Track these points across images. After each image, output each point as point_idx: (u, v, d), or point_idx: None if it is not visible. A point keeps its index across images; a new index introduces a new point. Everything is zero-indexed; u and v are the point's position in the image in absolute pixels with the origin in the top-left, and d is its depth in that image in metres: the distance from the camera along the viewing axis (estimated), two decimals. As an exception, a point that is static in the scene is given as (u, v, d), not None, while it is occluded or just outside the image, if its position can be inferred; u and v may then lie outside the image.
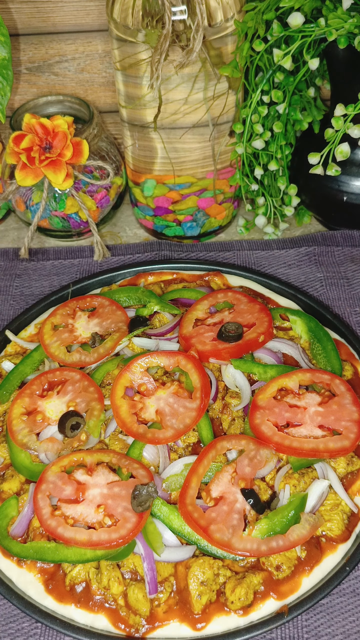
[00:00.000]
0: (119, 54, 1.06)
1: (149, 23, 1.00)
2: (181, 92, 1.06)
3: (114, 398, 0.94)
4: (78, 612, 0.82)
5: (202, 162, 1.16)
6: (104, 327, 1.05)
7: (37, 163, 1.10)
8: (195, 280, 1.14)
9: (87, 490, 0.86)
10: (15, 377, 1.01)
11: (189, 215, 1.22)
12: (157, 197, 1.21)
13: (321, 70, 1.15)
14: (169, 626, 0.80)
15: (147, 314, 1.07)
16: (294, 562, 0.83)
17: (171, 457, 0.91)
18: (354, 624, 0.82)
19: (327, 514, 0.86)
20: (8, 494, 0.90)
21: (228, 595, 0.81)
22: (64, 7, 1.22)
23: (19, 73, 1.29)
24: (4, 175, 1.21)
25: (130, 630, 0.80)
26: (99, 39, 1.26)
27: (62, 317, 1.07)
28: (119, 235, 1.31)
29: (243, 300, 1.06)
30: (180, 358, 0.97)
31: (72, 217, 1.22)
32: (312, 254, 1.21)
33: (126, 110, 1.13)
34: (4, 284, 1.20)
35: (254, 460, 0.88)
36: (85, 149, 1.13)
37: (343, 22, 0.95)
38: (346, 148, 1.00)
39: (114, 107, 1.34)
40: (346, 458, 0.90)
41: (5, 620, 0.84)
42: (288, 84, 1.06)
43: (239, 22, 1.01)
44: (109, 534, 0.82)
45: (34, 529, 0.86)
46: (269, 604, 0.81)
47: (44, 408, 0.95)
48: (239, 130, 1.10)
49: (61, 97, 1.24)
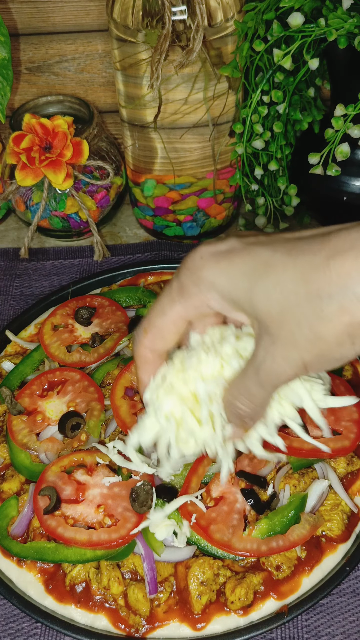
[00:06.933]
0: (119, 54, 1.06)
1: (149, 23, 1.00)
2: (181, 92, 1.06)
3: (114, 398, 0.94)
4: (78, 612, 0.82)
5: (202, 162, 1.16)
6: (104, 327, 1.05)
7: (37, 163, 1.10)
8: (195, 280, 1.14)
9: (87, 490, 0.86)
10: (15, 377, 1.01)
11: (189, 215, 1.22)
12: (157, 197, 1.21)
13: (321, 70, 1.15)
14: (169, 626, 0.80)
15: (147, 314, 1.07)
16: (294, 562, 0.83)
17: (171, 457, 0.91)
18: (354, 624, 0.82)
19: (327, 514, 0.86)
20: (8, 494, 0.90)
21: (228, 595, 0.81)
22: (64, 7, 1.22)
23: (19, 73, 1.29)
24: (4, 175, 1.21)
25: (130, 630, 0.80)
26: (99, 39, 1.26)
27: (62, 317, 1.07)
28: (119, 235, 1.31)
29: (243, 300, 1.06)
30: (180, 358, 0.97)
31: (72, 217, 1.22)
32: (312, 254, 1.21)
33: (126, 110, 1.13)
34: (4, 284, 1.20)
35: (254, 460, 0.88)
36: (85, 149, 1.13)
37: (343, 22, 0.95)
38: (346, 148, 1.00)
39: (114, 107, 1.34)
40: (346, 458, 0.90)
41: (5, 620, 0.84)
42: (288, 84, 1.06)
43: (239, 22, 1.01)
44: (109, 534, 0.82)
45: (34, 529, 0.86)
46: (269, 604, 0.81)
47: (44, 408, 0.95)
48: (239, 130, 1.10)
49: (61, 97, 1.24)
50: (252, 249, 0.58)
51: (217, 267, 0.59)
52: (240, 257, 0.58)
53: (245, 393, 0.61)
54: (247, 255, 0.58)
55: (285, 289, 0.54)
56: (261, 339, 0.57)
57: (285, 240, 0.58)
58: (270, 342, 0.56)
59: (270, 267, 0.56)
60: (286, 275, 0.55)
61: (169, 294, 0.63)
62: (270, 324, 0.56)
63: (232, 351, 0.64)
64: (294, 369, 0.56)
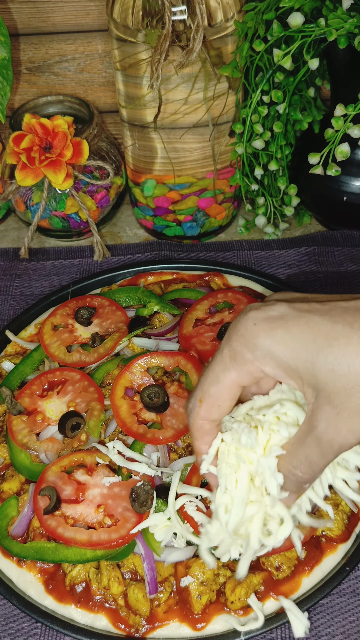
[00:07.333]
0: (119, 54, 1.06)
1: (149, 23, 1.00)
2: (181, 92, 1.06)
3: (114, 398, 0.94)
4: (78, 612, 0.82)
5: (202, 162, 1.16)
6: (104, 327, 1.05)
7: (37, 163, 1.10)
8: (195, 280, 1.14)
9: (87, 490, 0.86)
10: (15, 377, 1.01)
11: (189, 215, 1.22)
12: (157, 197, 1.21)
13: (321, 70, 1.15)
14: (169, 626, 0.80)
15: (147, 314, 1.07)
16: (294, 562, 0.83)
17: (171, 457, 0.91)
18: (354, 624, 0.82)
19: (327, 514, 0.85)
20: (8, 494, 0.90)
21: (228, 595, 0.81)
22: (64, 7, 1.22)
23: (19, 73, 1.29)
24: (4, 175, 1.21)
25: (130, 630, 0.80)
26: (99, 39, 1.26)
27: (62, 317, 1.07)
28: (119, 235, 1.31)
29: (243, 301, 1.06)
30: (180, 358, 0.97)
31: (72, 217, 1.22)
32: (312, 254, 1.21)
33: (126, 110, 1.13)
34: (4, 284, 1.20)
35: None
36: (85, 149, 1.13)
37: (343, 22, 0.95)
38: (346, 148, 1.00)
39: (114, 107, 1.34)
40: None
41: (5, 620, 0.84)
42: (288, 84, 1.06)
43: (239, 22, 1.01)
44: (109, 534, 0.82)
45: (34, 529, 0.86)
46: (269, 604, 0.81)
47: (44, 408, 0.95)
48: (239, 130, 1.10)
49: (61, 97, 1.24)
50: (308, 317, 0.60)
51: (273, 335, 0.60)
52: (297, 326, 0.59)
53: (306, 462, 0.62)
54: (304, 325, 0.59)
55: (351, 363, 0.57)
56: (320, 410, 0.59)
57: (344, 310, 0.59)
58: (334, 413, 0.58)
59: (332, 339, 0.58)
60: (350, 350, 0.57)
61: (221, 361, 0.63)
62: (334, 396, 0.58)
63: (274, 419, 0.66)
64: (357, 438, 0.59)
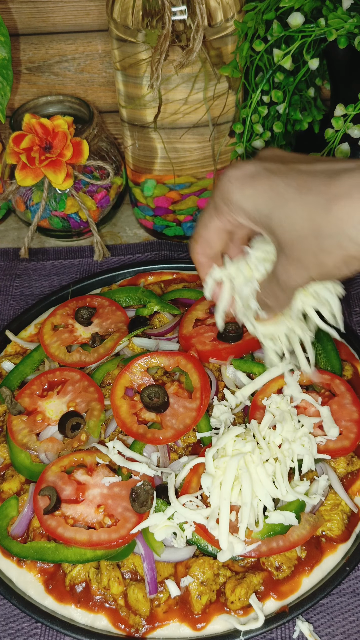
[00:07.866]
0: (119, 54, 1.06)
1: (149, 23, 1.00)
2: (181, 92, 1.06)
3: (114, 398, 0.94)
4: (78, 612, 0.82)
5: (202, 162, 1.16)
6: (104, 327, 1.05)
7: (37, 163, 1.10)
8: (195, 280, 1.14)
9: (87, 490, 0.86)
10: (15, 377, 1.01)
11: (189, 215, 1.22)
12: (157, 197, 1.21)
13: (321, 70, 1.15)
14: (169, 626, 0.80)
15: (147, 314, 1.07)
16: (294, 562, 0.83)
17: (171, 457, 0.91)
18: (354, 624, 0.82)
19: (327, 514, 0.86)
20: (8, 494, 0.90)
21: (228, 595, 0.81)
22: (64, 7, 1.22)
23: (19, 73, 1.29)
24: (4, 175, 1.21)
25: (130, 630, 0.80)
26: (99, 39, 1.26)
27: (62, 317, 1.07)
28: (119, 235, 1.31)
29: (243, 300, 1.06)
30: (180, 358, 0.97)
31: (72, 217, 1.22)
32: (312, 254, 1.21)
33: (126, 110, 1.13)
34: (4, 284, 1.20)
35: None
36: (85, 149, 1.13)
37: (343, 22, 0.95)
38: (346, 148, 1.00)
39: (114, 107, 1.34)
40: (346, 458, 0.90)
41: (5, 620, 0.84)
42: (288, 84, 1.06)
43: (239, 22, 1.01)
44: (109, 534, 0.82)
45: (34, 529, 0.86)
46: (269, 604, 0.81)
47: (44, 408, 0.95)
48: (239, 130, 1.10)
49: (61, 97, 1.24)
50: (272, 179, 0.70)
51: (243, 192, 0.71)
52: (261, 185, 0.70)
53: (272, 294, 0.77)
54: (267, 185, 0.70)
55: (295, 223, 0.68)
56: (279, 255, 0.72)
57: (299, 172, 0.69)
58: (285, 260, 0.71)
59: (283, 200, 0.68)
60: (296, 211, 0.67)
61: (207, 211, 0.76)
62: (284, 247, 0.70)
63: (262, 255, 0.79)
64: (304, 281, 0.71)
